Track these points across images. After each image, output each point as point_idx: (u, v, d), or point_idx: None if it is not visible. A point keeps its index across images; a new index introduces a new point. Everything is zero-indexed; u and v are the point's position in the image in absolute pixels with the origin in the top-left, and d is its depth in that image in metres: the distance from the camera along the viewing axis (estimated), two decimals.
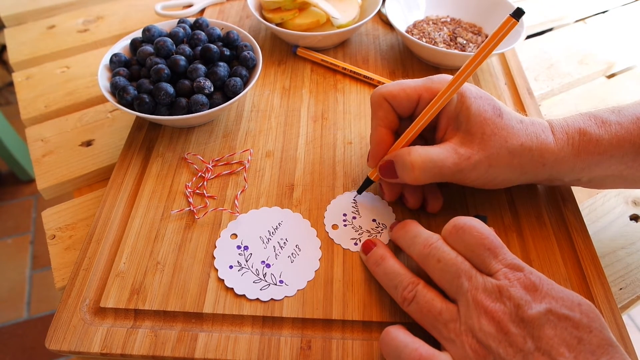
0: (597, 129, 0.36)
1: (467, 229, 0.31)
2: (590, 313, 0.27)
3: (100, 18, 0.68)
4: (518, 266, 0.29)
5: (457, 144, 0.35)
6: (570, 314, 0.27)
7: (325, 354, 0.33)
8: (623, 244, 0.42)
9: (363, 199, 0.41)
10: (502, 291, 0.28)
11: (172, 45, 0.46)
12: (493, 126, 0.35)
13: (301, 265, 0.37)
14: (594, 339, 0.27)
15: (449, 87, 0.35)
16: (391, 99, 0.37)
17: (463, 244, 0.31)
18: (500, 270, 0.29)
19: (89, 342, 0.33)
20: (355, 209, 0.40)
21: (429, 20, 0.58)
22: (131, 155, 0.45)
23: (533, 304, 0.27)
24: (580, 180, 0.38)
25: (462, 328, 0.28)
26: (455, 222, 0.32)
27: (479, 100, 0.36)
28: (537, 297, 0.28)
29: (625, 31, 0.65)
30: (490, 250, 0.30)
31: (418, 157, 0.35)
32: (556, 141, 0.36)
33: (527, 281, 0.28)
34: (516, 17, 0.32)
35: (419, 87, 0.37)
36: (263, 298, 0.35)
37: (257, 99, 0.51)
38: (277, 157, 0.45)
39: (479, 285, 0.29)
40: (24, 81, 0.58)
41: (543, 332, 0.27)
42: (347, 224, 0.39)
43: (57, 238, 0.42)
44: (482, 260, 0.30)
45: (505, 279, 0.29)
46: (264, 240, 0.38)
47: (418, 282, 0.32)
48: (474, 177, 0.36)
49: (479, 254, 0.30)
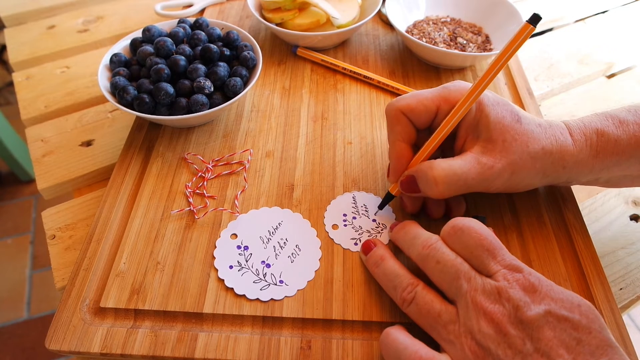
0: (615, 129, 0.35)
1: (465, 230, 0.31)
2: (589, 314, 0.27)
3: (100, 18, 0.68)
4: (517, 267, 0.29)
5: (478, 153, 0.35)
6: (569, 315, 0.27)
7: (325, 354, 0.33)
8: (623, 244, 0.42)
9: (364, 200, 0.41)
10: (501, 292, 0.28)
11: (172, 45, 0.46)
12: (513, 132, 0.35)
13: (301, 265, 0.37)
14: (593, 340, 0.26)
15: (467, 97, 0.35)
16: (409, 112, 0.36)
17: (462, 245, 0.31)
18: (499, 272, 0.29)
19: (89, 342, 0.33)
20: (355, 210, 0.40)
21: (429, 20, 0.58)
22: (131, 155, 0.45)
23: (532, 306, 0.27)
24: (598, 181, 0.38)
25: (461, 330, 0.28)
26: (454, 223, 0.32)
27: (497, 107, 0.35)
28: (536, 298, 0.28)
29: (625, 31, 0.65)
30: (489, 251, 0.30)
31: (441, 172, 0.34)
32: (575, 143, 0.35)
33: (526, 282, 0.28)
34: (533, 23, 0.32)
35: (436, 98, 0.36)
36: (263, 298, 0.35)
37: (257, 99, 0.51)
38: (277, 157, 0.45)
39: (478, 287, 0.29)
40: (24, 81, 0.58)
41: (542, 334, 0.27)
42: (347, 224, 0.39)
43: (57, 238, 0.42)
44: (481, 262, 0.30)
45: (504, 280, 0.29)
46: (264, 240, 0.38)
47: (417, 284, 0.32)
48: (498, 185, 0.35)
49: (477, 255, 0.30)
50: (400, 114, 0.37)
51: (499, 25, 0.56)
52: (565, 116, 0.53)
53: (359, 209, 0.40)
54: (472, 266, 0.30)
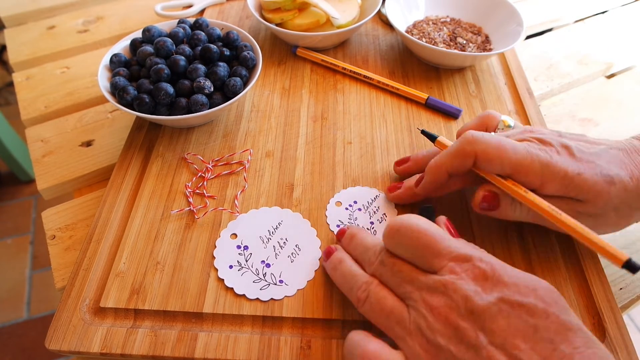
0: None
1: (402, 230, 0.29)
2: (546, 297, 0.25)
3: (100, 18, 0.68)
4: (465, 257, 0.28)
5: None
6: (523, 300, 0.25)
7: (325, 354, 0.33)
8: (623, 244, 0.42)
9: (365, 194, 0.41)
10: (447, 285, 0.27)
11: (172, 46, 0.46)
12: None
13: (301, 265, 0.37)
14: (552, 325, 0.25)
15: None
16: (481, 160, 0.33)
17: (402, 248, 0.30)
18: (445, 266, 0.28)
19: (89, 342, 0.33)
20: (357, 207, 0.40)
21: (429, 21, 0.58)
22: (131, 156, 0.45)
23: (483, 295, 0.26)
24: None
25: (412, 327, 0.27)
26: (390, 225, 0.30)
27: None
28: (487, 286, 0.26)
29: (624, 31, 0.66)
30: (429, 247, 0.28)
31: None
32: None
33: (476, 271, 0.27)
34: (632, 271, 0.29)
35: (514, 165, 0.33)
36: (263, 298, 0.35)
37: (257, 99, 0.51)
38: (277, 157, 0.45)
39: (422, 286, 0.28)
40: (24, 81, 0.58)
41: (495, 324, 0.25)
42: (351, 221, 0.39)
43: (57, 238, 0.42)
44: (425, 261, 0.29)
45: (450, 274, 0.27)
46: (263, 240, 0.38)
47: (372, 282, 0.30)
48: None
49: (419, 255, 0.29)
50: (472, 155, 0.33)
51: (499, 25, 0.56)
52: (565, 116, 0.53)
53: (361, 207, 0.40)
54: (419, 266, 0.29)
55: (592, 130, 0.51)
